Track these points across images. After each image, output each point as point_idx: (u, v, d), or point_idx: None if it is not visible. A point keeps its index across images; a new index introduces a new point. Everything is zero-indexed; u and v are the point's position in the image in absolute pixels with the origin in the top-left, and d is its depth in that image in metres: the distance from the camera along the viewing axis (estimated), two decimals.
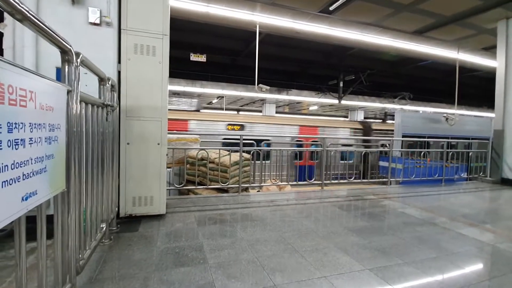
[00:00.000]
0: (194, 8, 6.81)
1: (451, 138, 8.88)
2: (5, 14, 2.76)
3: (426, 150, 6.85)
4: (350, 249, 2.66)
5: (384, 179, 6.33)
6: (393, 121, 10.78)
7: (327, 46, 11.72)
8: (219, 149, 5.20)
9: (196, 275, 2.10)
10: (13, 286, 1.79)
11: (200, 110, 10.13)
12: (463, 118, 11.62)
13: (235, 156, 5.19)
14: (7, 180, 0.91)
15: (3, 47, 2.81)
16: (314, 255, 2.50)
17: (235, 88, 13.69)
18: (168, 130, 3.40)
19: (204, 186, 4.94)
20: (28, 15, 1.07)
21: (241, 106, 20.64)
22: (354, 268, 2.28)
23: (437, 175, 6.63)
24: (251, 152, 5.71)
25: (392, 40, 9.25)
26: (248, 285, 1.99)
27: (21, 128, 0.99)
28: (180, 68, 12.47)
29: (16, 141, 0.96)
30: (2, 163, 0.88)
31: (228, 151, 5.48)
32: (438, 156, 7.19)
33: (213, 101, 18.07)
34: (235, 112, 20.16)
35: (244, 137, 5.03)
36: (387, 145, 7.95)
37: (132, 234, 2.84)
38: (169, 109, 3.46)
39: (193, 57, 9.68)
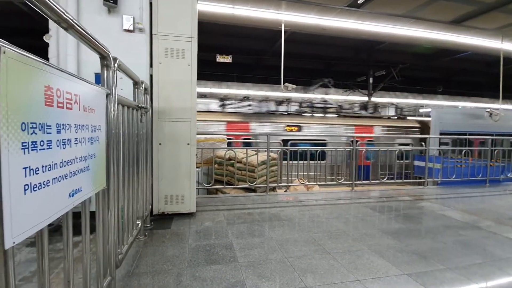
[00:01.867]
0: (220, 11, 6.92)
1: (496, 135, 8.16)
2: (49, 26, 3.01)
3: (467, 148, 6.35)
4: (385, 252, 2.53)
5: (420, 180, 5.97)
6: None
7: (355, 41, 11.33)
8: (246, 149, 5.23)
9: (227, 273, 2.12)
10: (60, 276, 1.93)
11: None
12: (509, 113, 10.63)
13: (262, 156, 5.19)
14: (56, 177, 0.98)
15: (48, 57, 3.06)
16: (347, 257, 2.42)
17: (260, 88, 13.73)
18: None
19: (232, 186, 4.99)
20: (73, 23, 1.14)
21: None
22: (390, 273, 2.16)
23: (480, 175, 6.12)
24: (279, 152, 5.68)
25: (426, 32, 8.68)
26: (279, 285, 1.97)
27: (67, 129, 1.06)
28: (206, 70, 12.74)
29: (63, 141, 1.03)
30: (52, 162, 0.95)
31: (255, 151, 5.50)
32: (481, 154, 6.63)
33: None
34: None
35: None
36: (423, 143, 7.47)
37: (165, 231, 2.94)
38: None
39: (219, 59, 9.83)
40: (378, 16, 7.90)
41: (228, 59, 9.89)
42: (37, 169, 0.86)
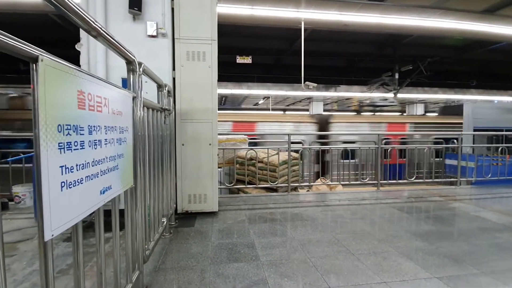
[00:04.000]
0: (239, 12, 6.97)
1: None
2: (81, 35, 3.20)
3: (504, 145, 5.91)
4: (413, 254, 2.43)
5: (453, 179, 5.65)
6: None
7: (379, 36, 10.91)
8: (267, 148, 5.23)
9: (249, 271, 2.14)
10: (93, 269, 2.05)
11: None
12: None
13: (284, 156, 5.16)
14: (89, 175, 1.05)
15: (80, 63, 3.26)
16: (372, 258, 2.35)
17: (280, 88, 13.66)
18: None
19: (253, 185, 5.02)
20: (101, 31, 1.21)
21: (287, 105, 20.49)
22: (419, 276, 2.07)
23: None
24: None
25: (457, 23, 8.17)
26: (302, 285, 1.95)
27: (98, 131, 1.13)
28: (226, 71, 12.90)
29: (95, 141, 1.10)
30: (85, 161, 1.02)
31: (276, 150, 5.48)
32: None
33: (260, 102, 18.31)
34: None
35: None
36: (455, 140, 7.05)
37: (189, 229, 3.03)
38: None
39: (239, 60, 9.92)
40: (403, 9, 7.57)
41: (248, 59, 9.96)
42: (72, 168, 0.93)
